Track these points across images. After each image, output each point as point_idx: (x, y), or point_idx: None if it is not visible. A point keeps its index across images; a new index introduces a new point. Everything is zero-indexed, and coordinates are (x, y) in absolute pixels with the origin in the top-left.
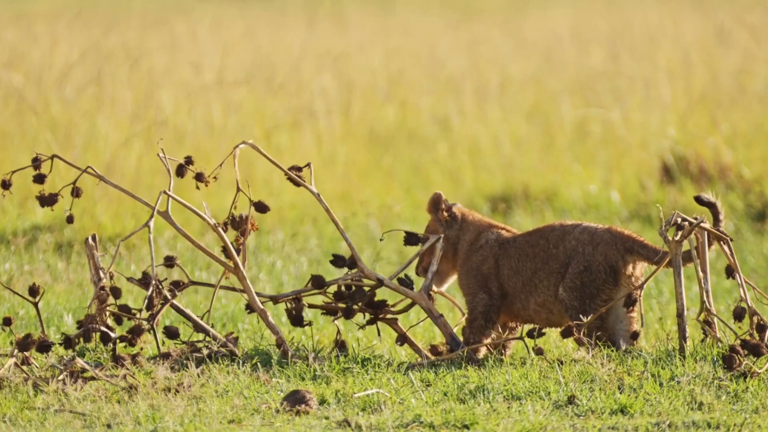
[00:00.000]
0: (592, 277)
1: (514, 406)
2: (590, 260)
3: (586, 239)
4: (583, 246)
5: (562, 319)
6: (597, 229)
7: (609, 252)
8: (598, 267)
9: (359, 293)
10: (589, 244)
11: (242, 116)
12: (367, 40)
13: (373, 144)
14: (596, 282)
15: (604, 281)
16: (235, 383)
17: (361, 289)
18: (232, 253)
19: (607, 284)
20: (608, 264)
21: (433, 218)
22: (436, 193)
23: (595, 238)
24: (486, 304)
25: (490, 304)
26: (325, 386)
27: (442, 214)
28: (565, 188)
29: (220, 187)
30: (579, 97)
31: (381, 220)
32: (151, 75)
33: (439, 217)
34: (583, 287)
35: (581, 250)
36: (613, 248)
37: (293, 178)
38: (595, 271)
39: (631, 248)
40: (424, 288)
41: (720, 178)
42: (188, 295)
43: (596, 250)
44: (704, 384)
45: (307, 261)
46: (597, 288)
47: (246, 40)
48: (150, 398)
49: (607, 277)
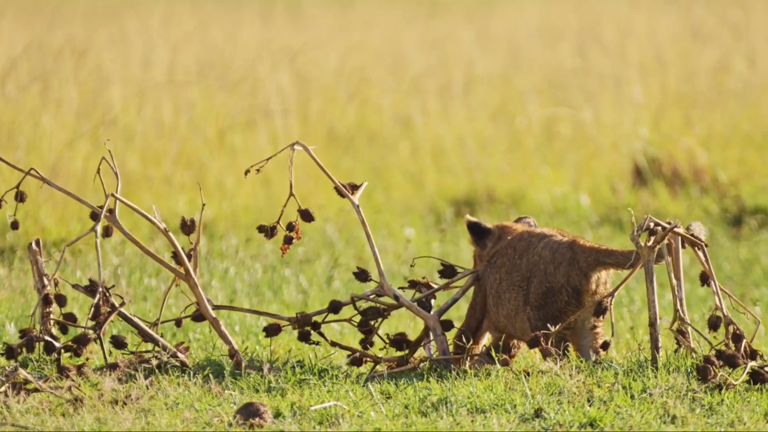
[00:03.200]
0: (554, 299)
1: (478, 420)
2: (552, 281)
3: (548, 257)
4: (545, 264)
5: (524, 334)
6: (560, 244)
7: (571, 273)
8: (561, 289)
9: (372, 311)
10: (551, 263)
11: (194, 115)
12: (326, 35)
13: (332, 145)
14: (558, 304)
15: (567, 303)
16: (186, 395)
17: (374, 308)
18: (183, 258)
19: (570, 306)
20: (571, 286)
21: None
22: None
23: (557, 257)
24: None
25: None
26: (280, 398)
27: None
28: (532, 191)
29: (171, 190)
30: (547, 96)
31: (339, 225)
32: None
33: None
34: (546, 307)
35: (543, 269)
36: (575, 268)
37: (340, 189)
38: (558, 293)
39: (596, 260)
40: (439, 312)
41: (694, 180)
42: (137, 302)
43: (558, 270)
44: (677, 396)
45: (262, 267)
46: (560, 310)
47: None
48: (96, 411)
49: (570, 299)
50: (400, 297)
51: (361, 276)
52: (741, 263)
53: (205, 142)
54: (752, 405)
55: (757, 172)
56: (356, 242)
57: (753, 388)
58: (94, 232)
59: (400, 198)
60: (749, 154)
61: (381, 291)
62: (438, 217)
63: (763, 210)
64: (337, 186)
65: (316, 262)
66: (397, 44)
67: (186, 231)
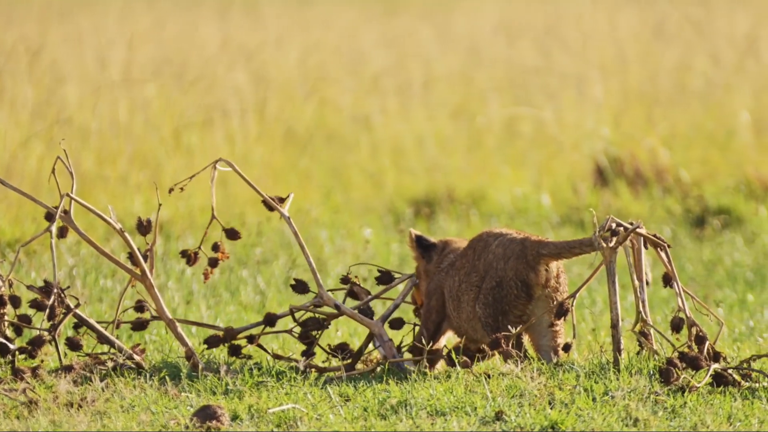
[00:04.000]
0: (503, 293)
1: (438, 423)
2: (501, 276)
3: (500, 253)
4: (497, 261)
5: (483, 337)
6: (512, 241)
7: (519, 266)
8: (509, 282)
9: (313, 322)
10: (502, 258)
11: (150, 114)
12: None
13: (290, 144)
14: (508, 298)
15: (516, 296)
16: (142, 398)
17: (314, 318)
18: (139, 259)
19: (520, 300)
20: (519, 279)
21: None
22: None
23: (507, 252)
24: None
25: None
26: (237, 401)
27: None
28: (492, 191)
29: (127, 190)
30: (508, 95)
31: (297, 225)
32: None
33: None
34: (495, 303)
35: (495, 265)
36: (523, 262)
37: (268, 202)
38: (506, 287)
39: (541, 253)
40: (382, 318)
41: (657, 180)
42: (92, 304)
43: (507, 264)
44: (640, 399)
45: (219, 268)
46: (509, 304)
47: (155, 33)
48: (51, 414)
49: (519, 292)
50: (340, 306)
51: (299, 288)
52: (704, 264)
53: (161, 142)
54: (715, 408)
55: (720, 172)
56: (315, 242)
57: (716, 390)
58: (49, 233)
59: (358, 198)
60: (712, 154)
61: (320, 301)
62: (397, 218)
63: (726, 210)
64: (265, 199)
65: (273, 262)
66: (356, 42)
67: (142, 231)
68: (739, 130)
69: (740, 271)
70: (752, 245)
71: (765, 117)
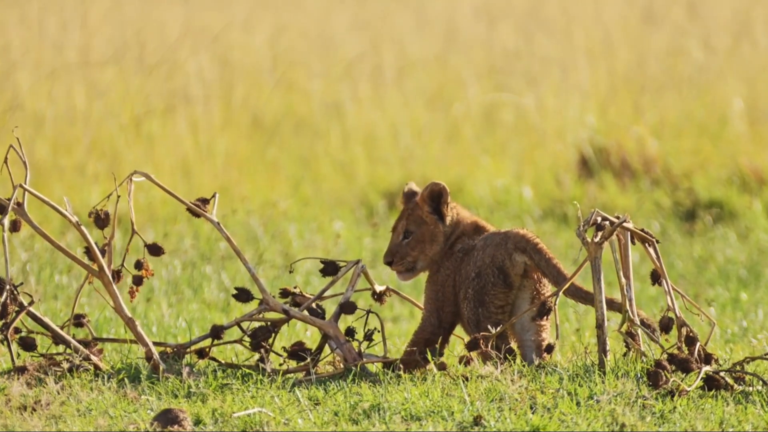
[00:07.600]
0: (482, 283)
1: (413, 428)
2: (480, 265)
3: (480, 245)
4: (478, 252)
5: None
6: (496, 234)
7: (496, 253)
8: (486, 270)
9: (262, 331)
10: (482, 249)
11: (109, 100)
12: (251, 15)
13: (257, 133)
14: (486, 287)
15: (494, 284)
16: (100, 401)
17: (263, 327)
18: (97, 254)
19: (497, 288)
20: (495, 266)
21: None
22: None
23: (488, 242)
24: (431, 331)
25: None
26: (200, 405)
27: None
28: (471, 183)
29: (84, 180)
30: (487, 81)
31: (264, 218)
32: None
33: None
34: (476, 295)
35: (476, 257)
36: (502, 249)
37: (193, 209)
38: (484, 275)
39: (522, 249)
40: (334, 316)
41: (645, 172)
42: (47, 301)
43: (485, 253)
44: (626, 403)
45: (181, 264)
46: (487, 293)
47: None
48: (3, 417)
49: (497, 279)
50: (288, 311)
51: (242, 297)
52: (695, 261)
53: (121, 130)
54: (706, 413)
55: (712, 162)
56: (282, 237)
57: (707, 394)
58: (1, 226)
59: (329, 190)
60: (703, 144)
61: (267, 307)
62: (370, 210)
63: (718, 204)
64: (189, 207)
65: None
66: (327, 26)
67: (100, 225)
68: (732, 119)
69: (733, 269)
70: (746, 241)
71: (759, 105)
